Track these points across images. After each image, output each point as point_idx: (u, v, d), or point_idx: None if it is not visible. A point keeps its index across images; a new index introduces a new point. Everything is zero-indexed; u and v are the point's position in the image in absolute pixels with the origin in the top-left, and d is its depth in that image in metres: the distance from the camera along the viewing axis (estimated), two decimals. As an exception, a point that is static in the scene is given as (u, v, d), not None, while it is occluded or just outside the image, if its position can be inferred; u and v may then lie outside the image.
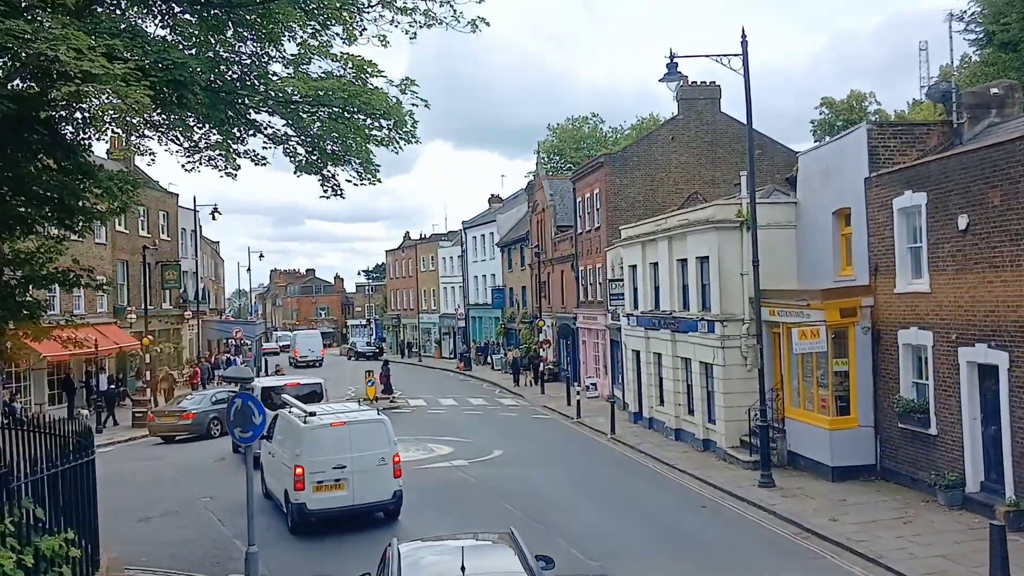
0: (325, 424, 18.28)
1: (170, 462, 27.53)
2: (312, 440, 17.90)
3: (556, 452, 27.44)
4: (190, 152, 20.59)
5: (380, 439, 18.20)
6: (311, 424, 18.22)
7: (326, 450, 17.76)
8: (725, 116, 41.11)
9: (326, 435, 18.03)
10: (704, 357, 26.40)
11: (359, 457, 17.79)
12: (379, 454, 18.03)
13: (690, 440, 27.73)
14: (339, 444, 17.85)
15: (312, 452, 17.71)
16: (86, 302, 42.09)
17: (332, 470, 17.66)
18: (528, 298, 58.94)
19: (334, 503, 17.80)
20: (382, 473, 17.99)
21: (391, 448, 18.25)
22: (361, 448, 17.88)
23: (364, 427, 18.36)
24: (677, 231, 27.81)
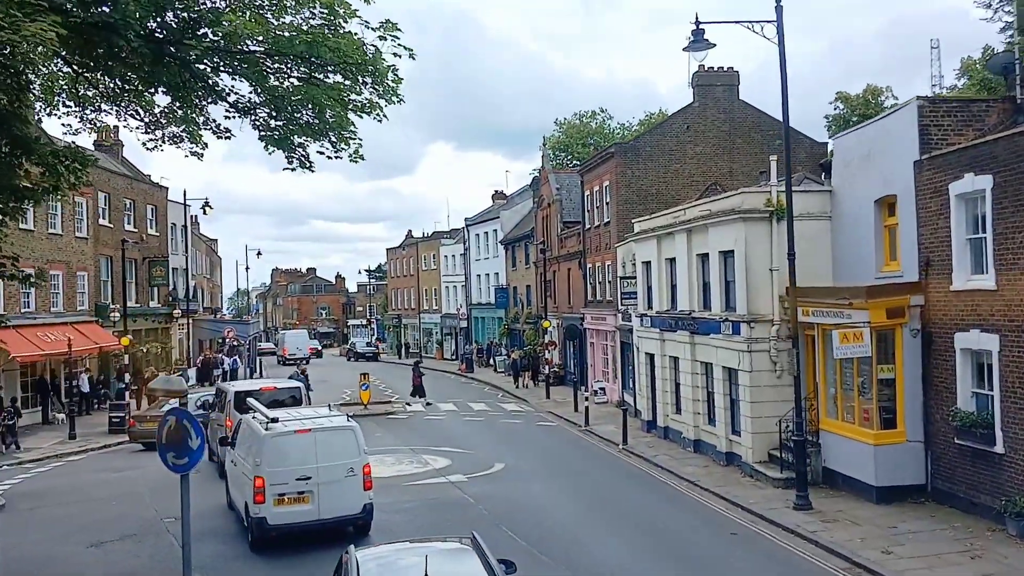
0: (288, 431, 16.63)
1: (140, 473, 25.08)
2: (273, 449, 16.36)
3: (563, 465, 24.95)
4: (151, 127, 18.39)
5: (349, 448, 16.71)
6: (273, 431, 16.57)
7: (289, 460, 16.32)
8: (743, 103, 38.63)
9: (289, 443, 16.49)
10: (728, 362, 23.92)
11: (325, 467, 16.35)
12: (347, 464, 16.57)
13: (711, 453, 25.25)
14: (303, 453, 16.39)
15: (273, 462, 16.25)
16: (65, 299, 39.73)
17: (295, 481, 16.20)
18: (533, 297, 56.46)
19: (297, 517, 16.34)
20: (351, 485, 16.52)
21: (361, 458, 16.78)
22: (328, 457, 16.45)
23: (331, 435, 16.79)
24: (698, 223, 25.32)
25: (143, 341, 49.05)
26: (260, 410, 17.90)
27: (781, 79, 19.54)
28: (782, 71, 19.47)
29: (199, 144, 18.16)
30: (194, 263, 66.30)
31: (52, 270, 38.53)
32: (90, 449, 31.01)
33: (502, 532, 17.18)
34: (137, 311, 48.57)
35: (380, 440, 29.50)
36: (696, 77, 38.14)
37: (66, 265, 39.92)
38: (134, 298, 48.56)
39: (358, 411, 37.22)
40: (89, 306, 42.56)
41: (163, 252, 52.49)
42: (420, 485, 21.82)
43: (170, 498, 21.34)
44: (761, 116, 38.73)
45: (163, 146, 18.62)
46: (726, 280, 24.23)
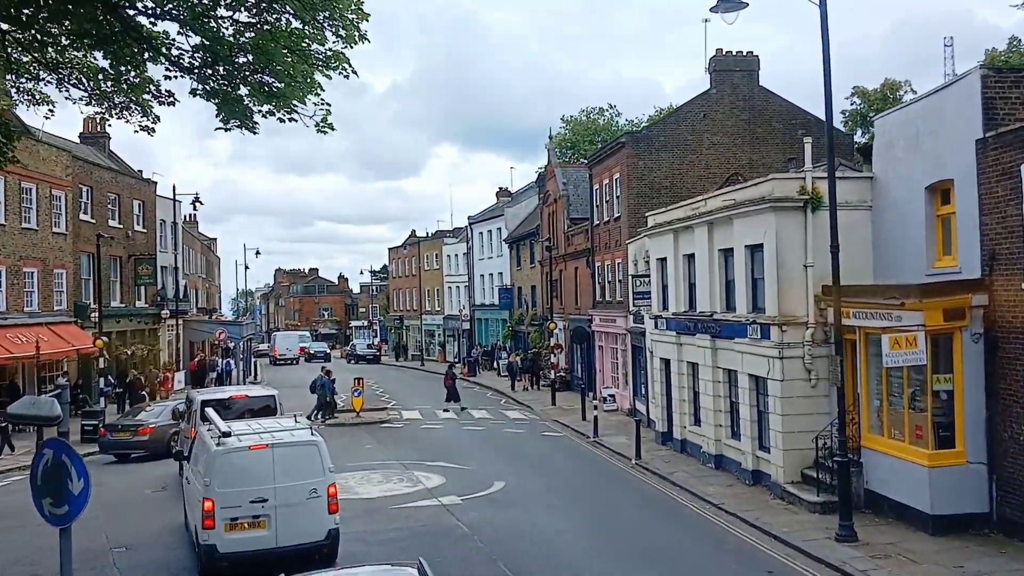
0: (242, 447, 14.59)
1: (99, 492, 22.41)
2: (225, 467, 14.38)
3: (571, 484, 22.38)
4: (97, 99, 16.06)
5: (312, 465, 14.72)
6: (225, 447, 14.54)
7: (243, 479, 14.33)
8: (764, 90, 36.07)
9: (243, 460, 14.49)
10: (755, 369, 21.36)
11: (285, 488, 14.38)
12: (310, 484, 14.56)
13: (735, 470, 22.70)
14: (259, 472, 14.39)
15: (225, 481, 14.27)
16: (40, 299, 37.24)
17: (250, 504, 14.23)
18: (538, 298, 53.93)
19: (252, 545, 14.29)
20: (313, 508, 14.54)
21: (326, 477, 14.79)
22: (288, 477, 14.46)
23: (292, 451, 14.76)
24: (720, 214, 22.77)
25: (128, 343, 46.67)
26: (214, 422, 15.59)
27: (823, 44, 16.98)
28: (823, 34, 16.91)
29: (150, 116, 15.88)
30: (187, 262, 63.92)
31: (26, 267, 36.18)
32: (57, 461, 28.51)
33: (499, 570, 14.67)
34: (122, 311, 46.16)
35: (369, 453, 27.00)
36: (713, 62, 35.65)
37: (42, 262, 37.45)
38: (119, 298, 46.16)
39: (350, 419, 34.78)
40: (68, 306, 40.07)
41: (151, 249, 50.02)
42: (408, 509, 19.24)
43: (128, 523, 19.01)
44: (783, 104, 36.22)
45: (111, 119, 16.41)
46: (753, 278, 21.69)
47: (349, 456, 25.97)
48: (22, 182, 35.91)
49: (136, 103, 15.61)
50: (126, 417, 31.06)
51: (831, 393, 19.99)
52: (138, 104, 15.61)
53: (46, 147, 38.48)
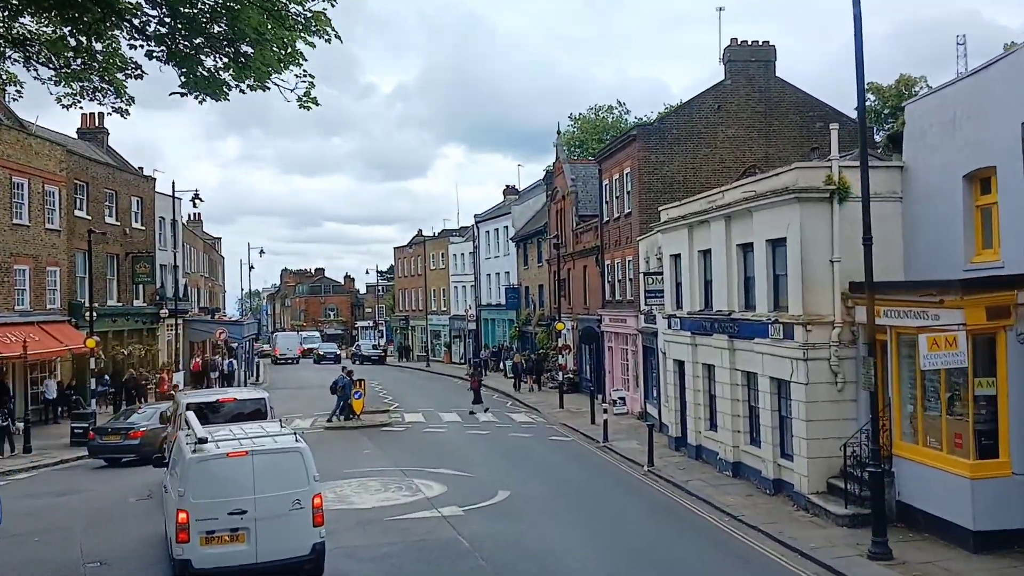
0: (219, 454, 13.50)
1: (83, 499, 21.37)
2: (200, 475, 13.30)
3: (580, 493, 21.03)
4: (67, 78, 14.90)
5: (295, 474, 13.57)
6: (201, 454, 13.47)
7: (220, 489, 13.24)
8: (781, 81, 34.66)
9: (220, 468, 13.39)
10: (777, 371, 20.03)
11: (266, 499, 13.27)
12: (293, 495, 13.44)
13: (755, 478, 21.36)
14: (238, 481, 13.29)
15: (200, 491, 13.18)
16: (32, 297, 36.07)
17: (228, 516, 13.12)
18: (546, 298, 52.61)
19: (230, 560, 13.23)
20: (297, 520, 13.43)
21: (310, 487, 13.64)
22: (269, 487, 13.34)
23: (274, 459, 13.62)
24: (739, 207, 21.44)
25: (125, 343, 45.51)
26: (192, 426, 14.34)
27: (854, 21, 15.65)
28: (855, 7, 15.56)
29: (123, 97, 14.67)
30: (188, 260, 62.78)
31: (17, 265, 35.03)
32: (43, 465, 27.32)
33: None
34: (119, 311, 45.02)
35: (368, 459, 25.71)
36: (727, 52, 34.29)
37: (34, 259, 36.28)
38: (116, 296, 45.03)
39: (350, 422, 33.54)
40: (62, 305, 38.90)
41: (149, 247, 48.85)
42: (405, 521, 17.93)
43: (107, 534, 17.76)
44: (800, 95, 34.81)
45: (81, 101, 15.22)
46: (775, 274, 20.36)
47: (346, 462, 24.71)
48: (13, 176, 34.77)
49: (108, 82, 14.47)
50: (116, 420, 29.86)
51: (859, 397, 18.71)
52: (110, 83, 14.46)
53: (39, 141, 37.35)
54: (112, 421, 30.02)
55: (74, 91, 14.88)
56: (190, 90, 11.89)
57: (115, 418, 30.58)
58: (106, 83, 14.55)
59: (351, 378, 35.27)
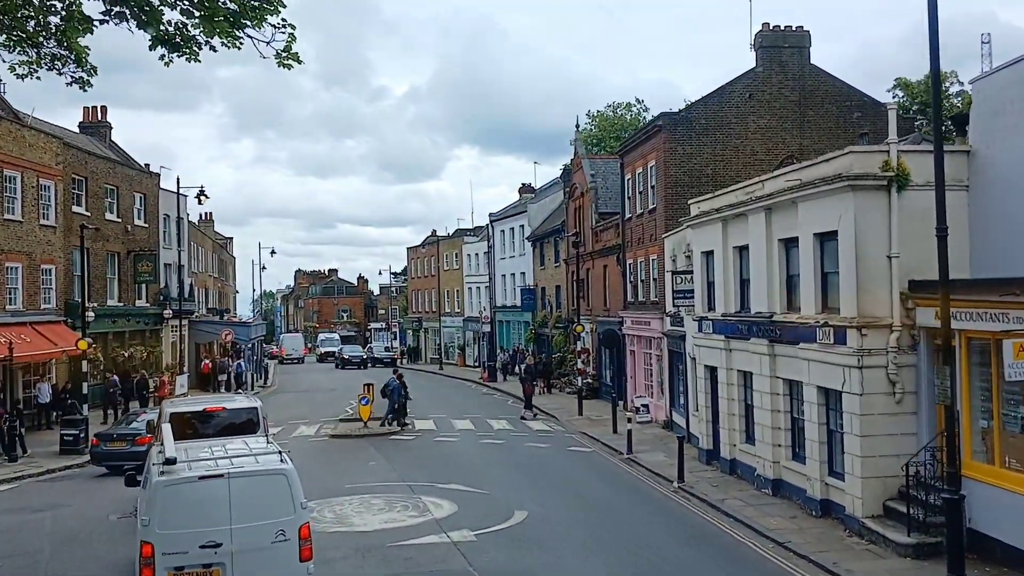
0: (190, 477, 11.67)
1: (59, 516, 19.49)
2: (168, 501, 11.49)
3: (605, 514, 18.97)
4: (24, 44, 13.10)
5: (279, 500, 11.75)
6: (169, 477, 11.62)
7: (191, 518, 11.45)
8: (816, 69, 32.56)
9: (192, 494, 11.57)
10: (825, 380, 17.97)
11: (244, 529, 11.48)
12: (276, 525, 11.64)
13: (798, 498, 19.31)
14: (213, 508, 11.48)
15: (168, 521, 11.38)
16: (25, 296, 34.33)
17: (200, 550, 11.35)
18: (563, 299, 50.59)
19: None
20: (280, 555, 11.62)
21: (297, 515, 11.81)
22: (248, 515, 11.55)
23: (254, 482, 11.81)
24: (782, 198, 19.39)
25: (126, 344, 43.80)
26: (164, 442, 12.41)
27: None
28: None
29: (84, 66, 12.78)
30: (195, 260, 61.12)
31: (9, 262, 33.30)
32: (28, 475, 25.52)
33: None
34: (120, 311, 43.34)
35: (373, 471, 23.75)
36: (759, 38, 32.22)
37: (27, 257, 34.54)
38: (116, 296, 43.34)
39: (355, 430, 31.63)
40: (57, 304, 37.17)
41: (152, 245, 47.13)
42: (410, 548, 15.94)
43: (78, 558, 15.85)
44: (836, 84, 32.72)
45: (38, 70, 13.36)
46: (823, 272, 18.31)
47: (349, 476, 22.82)
48: (4, 169, 33.05)
49: (67, 48, 12.62)
50: (120, 425, 28.03)
51: (920, 410, 16.72)
52: (69, 49, 12.60)
53: (33, 132, 35.63)
54: (116, 426, 28.22)
55: (30, 58, 13.05)
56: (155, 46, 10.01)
57: (118, 423, 28.77)
58: (65, 49, 12.72)
59: (402, 380, 33.57)
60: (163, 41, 9.84)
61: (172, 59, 10.49)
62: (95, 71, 12.89)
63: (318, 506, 19.06)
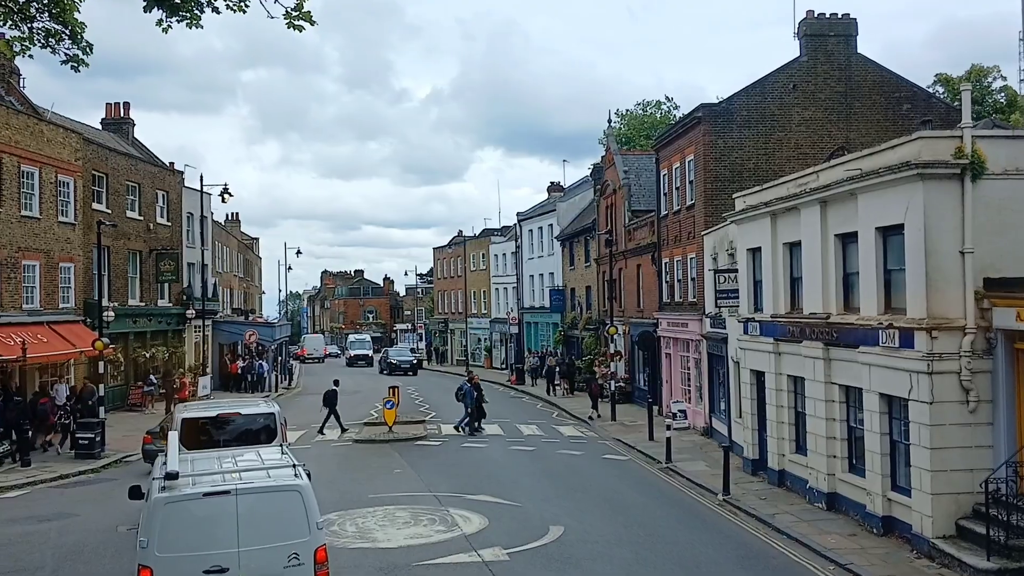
0: (193, 495, 10.57)
1: (66, 527, 18.37)
2: (170, 521, 10.36)
3: (647, 529, 17.56)
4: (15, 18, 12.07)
5: (293, 520, 10.62)
6: (171, 494, 10.51)
7: (194, 539, 10.36)
8: (863, 59, 31.04)
9: (195, 512, 10.48)
10: (888, 387, 16.51)
11: (253, 552, 10.35)
12: (289, 547, 10.50)
13: (856, 513, 17.85)
14: (218, 529, 10.38)
15: (169, 542, 10.25)
16: (42, 295, 33.43)
17: (204, 575, 10.19)
18: (593, 300, 49.19)
19: None
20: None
21: (312, 536, 10.67)
22: (257, 536, 10.42)
23: (265, 499, 10.68)
24: (839, 189, 17.93)
25: (148, 345, 42.91)
26: (169, 452, 11.34)
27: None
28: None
29: (79, 42, 11.66)
30: (220, 259, 60.30)
31: (26, 260, 32.38)
32: (40, 481, 24.44)
33: None
34: (141, 311, 42.45)
35: (397, 480, 22.47)
36: (803, 25, 30.74)
37: (45, 255, 33.62)
38: (138, 295, 42.44)
39: (380, 434, 30.43)
40: (76, 303, 36.28)
41: (175, 244, 46.22)
42: (438, 568, 14.62)
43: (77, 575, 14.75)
44: (885, 74, 31.16)
45: (31, 47, 12.27)
46: (886, 269, 16.82)
47: (373, 485, 21.58)
48: (22, 165, 32.13)
49: (62, 23, 11.53)
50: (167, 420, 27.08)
51: (996, 421, 15.21)
52: (64, 23, 11.50)
53: (51, 127, 34.72)
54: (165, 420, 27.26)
55: (22, 34, 11.96)
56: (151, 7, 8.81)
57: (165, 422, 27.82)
58: (59, 23, 11.61)
59: (476, 386, 32.35)
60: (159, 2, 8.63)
61: (171, 24, 9.31)
62: (91, 48, 11.81)
63: (339, 518, 17.88)
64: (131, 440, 30.94)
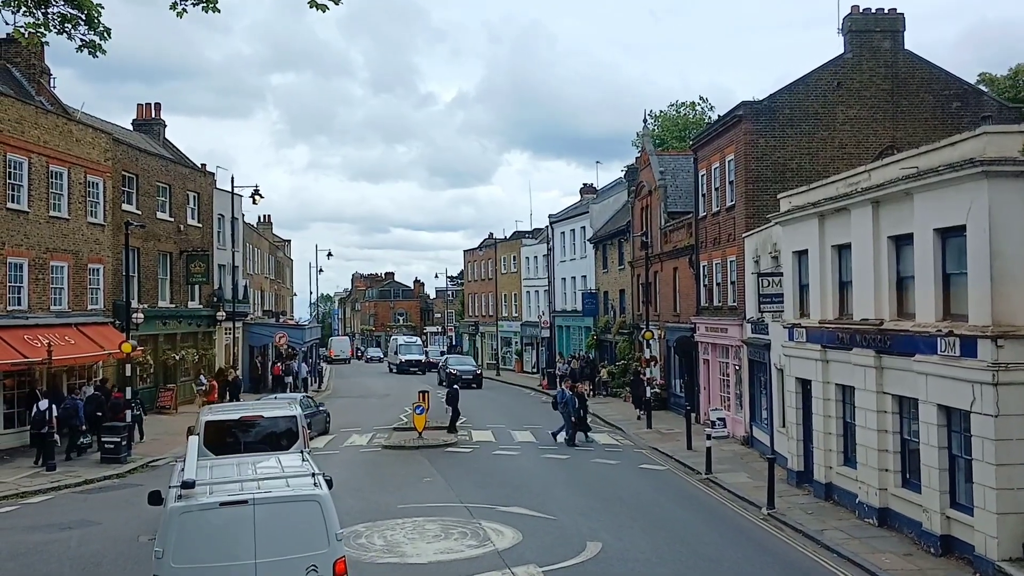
0: (210, 504, 10.27)
1: (86, 536, 17.82)
2: (185, 531, 10.05)
3: (690, 546, 16.66)
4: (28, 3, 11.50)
5: (311, 531, 10.30)
6: (187, 503, 10.23)
7: (210, 550, 10.03)
8: (911, 55, 29.88)
9: (212, 522, 10.15)
10: (947, 398, 15.53)
11: (271, 564, 10.06)
12: (307, 560, 10.20)
13: (911, 530, 16.88)
14: (234, 540, 10.08)
15: (184, 553, 9.95)
16: (71, 296, 33.14)
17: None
18: (627, 304, 48.27)
19: None
20: None
21: (331, 547, 10.33)
22: (275, 548, 10.12)
23: (283, 509, 10.35)
24: (893, 188, 16.97)
25: (178, 347, 42.61)
26: (187, 459, 11.23)
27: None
28: None
29: (96, 27, 11.06)
30: (251, 261, 60.04)
31: (54, 261, 32.13)
32: (64, 486, 23.99)
33: None
34: (171, 312, 42.14)
35: (428, 489, 21.76)
36: (848, 21, 29.68)
37: (73, 256, 33.34)
38: (168, 297, 42.15)
39: (410, 440, 29.76)
40: (105, 305, 35.98)
41: (206, 246, 45.91)
42: (468, 587, 13.91)
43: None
44: (934, 71, 29.99)
45: (47, 33, 11.69)
46: (945, 273, 15.85)
47: (401, 494, 20.87)
48: (51, 165, 31.86)
49: (77, 7, 10.95)
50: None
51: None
52: (80, 7, 10.91)
53: (80, 127, 34.46)
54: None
55: (36, 20, 11.39)
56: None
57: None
58: (75, 7, 11.03)
59: (574, 392, 30.55)
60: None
61: (186, 8, 8.64)
62: (108, 33, 11.19)
63: (367, 530, 17.20)
64: (159, 444, 30.57)
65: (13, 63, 36.99)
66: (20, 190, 30.27)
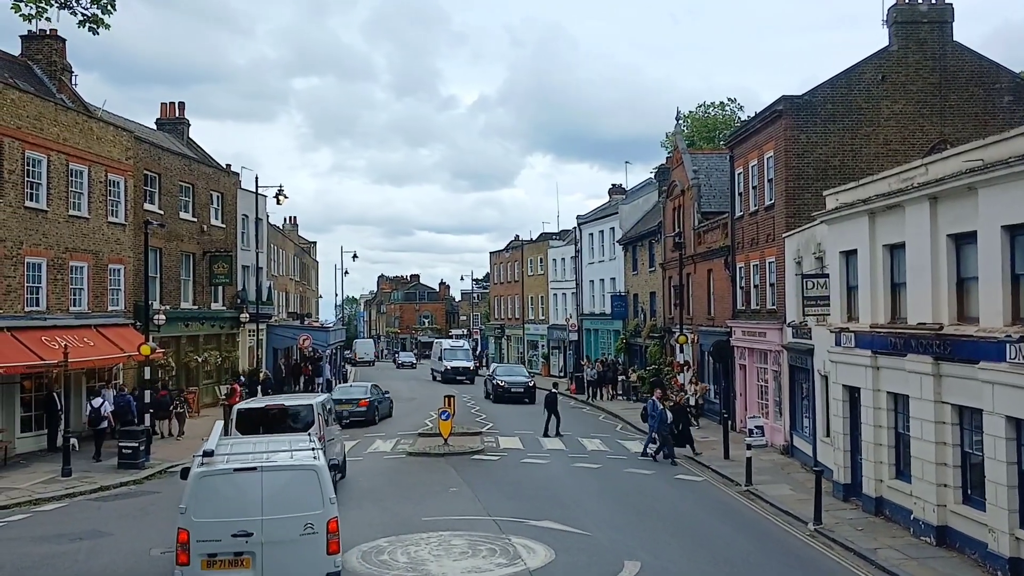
0: (225, 470, 12.40)
1: (95, 548, 16.94)
2: (204, 491, 12.20)
3: (734, 568, 15.48)
4: None
5: (309, 495, 12.30)
6: (206, 468, 12.39)
7: (225, 508, 12.11)
8: (959, 47, 28.59)
9: (226, 485, 12.27)
10: (1018, 408, 14.32)
11: (274, 521, 12.06)
12: (305, 518, 12.16)
13: (973, 551, 15.68)
14: (245, 500, 12.13)
15: (203, 509, 12.08)
16: (91, 298, 32.47)
17: (232, 538, 11.95)
18: (657, 307, 47.07)
19: None
20: (309, 546, 12.13)
21: (325, 509, 12.29)
22: (278, 507, 12.14)
23: (285, 476, 12.40)
24: (954, 183, 15.78)
25: (201, 349, 41.94)
26: (211, 437, 13.19)
27: None
28: None
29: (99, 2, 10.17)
30: (276, 262, 59.42)
31: (73, 261, 31.46)
32: (79, 493, 23.22)
33: None
34: (194, 314, 41.47)
35: (454, 500, 20.74)
36: (893, 12, 28.42)
37: (94, 256, 32.67)
38: (191, 298, 41.48)
39: (435, 447, 28.76)
40: (126, 306, 35.31)
41: (230, 246, 45.21)
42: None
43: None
44: (983, 64, 28.67)
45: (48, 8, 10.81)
46: (1013, 274, 14.64)
47: (425, 505, 19.87)
48: (70, 163, 31.20)
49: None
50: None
51: None
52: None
53: (101, 125, 33.80)
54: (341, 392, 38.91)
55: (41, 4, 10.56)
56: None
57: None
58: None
59: (664, 404, 27.98)
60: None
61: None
62: (112, 6, 10.30)
63: (389, 545, 16.24)
64: (178, 448, 29.80)
65: (35, 60, 36.47)
66: (39, 188, 29.61)
